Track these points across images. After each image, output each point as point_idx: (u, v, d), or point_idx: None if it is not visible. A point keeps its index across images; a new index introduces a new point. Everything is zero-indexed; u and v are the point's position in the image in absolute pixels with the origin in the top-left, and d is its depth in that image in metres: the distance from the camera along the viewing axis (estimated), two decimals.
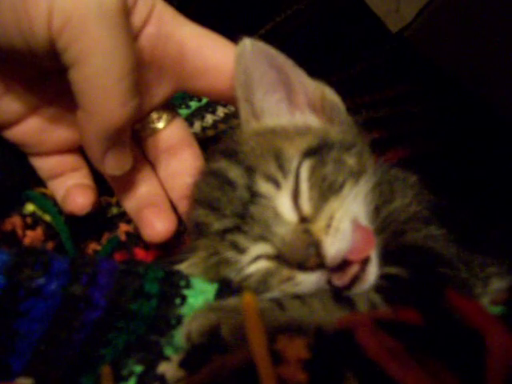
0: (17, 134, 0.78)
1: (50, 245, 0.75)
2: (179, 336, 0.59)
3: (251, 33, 0.98)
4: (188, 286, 0.69)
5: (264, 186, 0.68)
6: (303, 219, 0.66)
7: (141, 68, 0.71)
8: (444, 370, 0.41)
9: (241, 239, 0.68)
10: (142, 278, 0.67)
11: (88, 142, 0.72)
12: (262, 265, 0.67)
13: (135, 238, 0.86)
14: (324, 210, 0.65)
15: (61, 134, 0.80)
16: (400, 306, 0.50)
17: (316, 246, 0.62)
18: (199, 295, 0.68)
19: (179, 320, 0.64)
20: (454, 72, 1.10)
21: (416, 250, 0.66)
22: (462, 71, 1.08)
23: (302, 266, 0.63)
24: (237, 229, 0.68)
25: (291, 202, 0.67)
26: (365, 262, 0.63)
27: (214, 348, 0.53)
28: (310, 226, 0.64)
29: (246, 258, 0.68)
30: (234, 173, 0.70)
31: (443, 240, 0.68)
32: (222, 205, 0.70)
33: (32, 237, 0.73)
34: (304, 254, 0.62)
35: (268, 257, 0.67)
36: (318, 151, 0.70)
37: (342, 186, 0.67)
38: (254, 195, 0.67)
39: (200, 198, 0.75)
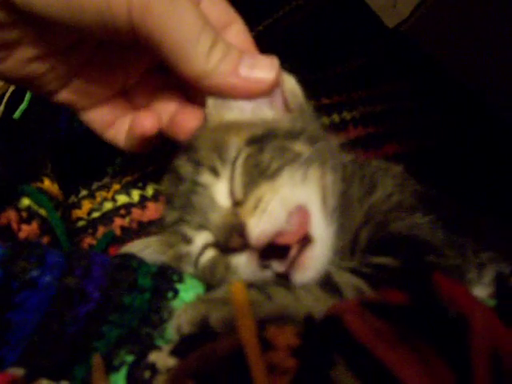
0: (66, 95, 0.83)
1: (45, 239, 0.75)
2: (170, 329, 0.60)
3: (250, 28, 0.98)
4: (180, 280, 0.70)
5: (205, 177, 0.70)
6: (236, 204, 0.68)
7: None
8: (429, 350, 0.41)
9: (186, 229, 0.71)
10: (135, 272, 0.68)
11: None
12: (209, 255, 0.70)
13: (130, 232, 0.87)
14: (253, 194, 0.66)
15: (105, 84, 0.86)
16: (385, 288, 0.50)
17: (241, 226, 0.63)
18: (191, 290, 0.69)
19: (171, 313, 0.64)
20: (450, 67, 1.09)
21: (401, 239, 0.66)
22: (459, 66, 1.08)
23: (227, 248, 0.65)
24: (182, 219, 0.71)
25: (227, 189, 0.69)
26: (303, 245, 0.64)
27: (204, 337, 0.53)
28: (240, 209, 0.66)
29: (194, 249, 0.71)
30: (185, 168, 0.74)
31: (429, 227, 0.68)
32: (174, 198, 0.74)
33: (27, 231, 0.74)
34: (227, 234, 0.64)
35: (212, 245, 0.69)
36: (260, 140, 0.71)
37: (277, 172, 0.68)
38: (196, 185, 0.70)
39: (164, 194, 0.79)
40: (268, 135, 0.72)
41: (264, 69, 0.75)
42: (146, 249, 0.77)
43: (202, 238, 0.70)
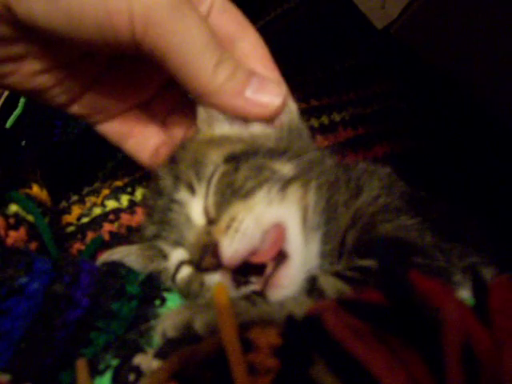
0: (81, 107, 0.84)
1: (33, 245, 0.75)
2: (156, 334, 0.60)
3: None
4: (168, 288, 0.71)
5: (182, 193, 0.70)
6: (211, 222, 0.67)
7: None
8: (403, 346, 0.41)
9: (163, 245, 0.71)
10: (123, 280, 0.68)
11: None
12: (184, 272, 0.70)
13: (119, 237, 0.87)
14: (227, 213, 0.65)
15: (120, 96, 0.86)
16: (363, 287, 0.50)
17: (214, 246, 0.63)
18: (178, 299, 0.69)
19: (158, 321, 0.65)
20: (440, 67, 1.10)
21: (388, 242, 0.66)
22: (449, 66, 1.08)
23: (200, 267, 0.64)
24: (159, 235, 0.71)
25: (203, 207, 0.68)
26: (279, 262, 0.63)
27: (189, 341, 0.53)
28: (213, 228, 0.65)
29: (170, 266, 0.71)
30: (164, 181, 0.74)
31: (416, 229, 0.67)
32: (153, 211, 0.74)
33: (15, 237, 0.74)
34: (200, 254, 0.64)
35: (187, 263, 0.69)
36: (238, 158, 0.70)
37: (251, 191, 0.67)
38: (172, 202, 0.70)
39: (144, 202, 0.80)
40: (248, 153, 0.71)
41: (270, 94, 0.73)
42: (129, 256, 0.76)
43: (177, 255, 0.70)
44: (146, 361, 0.56)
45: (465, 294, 0.66)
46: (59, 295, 0.64)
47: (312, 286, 0.61)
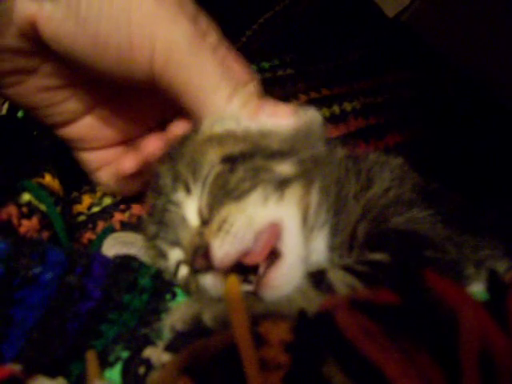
0: (73, 131, 0.86)
1: (45, 234, 0.76)
2: (165, 327, 0.60)
3: (251, 21, 0.98)
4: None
5: (179, 193, 0.70)
6: (204, 223, 0.67)
7: None
8: (417, 349, 0.41)
9: (162, 245, 0.72)
10: (135, 273, 0.68)
11: None
12: (183, 272, 0.70)
13: (130, 227, 0.87)
14: (218, 214, 0.65)
15: (112, 129, 0.88)
16: (377, 286, 0.50)
17: (205, 248, 0.62)
18: None
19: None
20: (451, 55, 1.09)
21: (399, 235, 0.65)
22: (459, 54, 1.07)
23: (193, 268, 0.65)
24: (158, 235, 0.72)
25: (197, 208, 0.68)
26: (271, 262, 0.63)
27: (199, 334, 0.53)
28: (205, 229, 0.65)
29: (170, 265, 0.71)
30: (164, 180, 0.74)
31: (428, 222, 0.66)
32: (153, 210, 0.74)
33: (27, 226, 0.74)
34: (192, 255, 0.64)
35: (184, 262, 0.69)
36: (235, 159, 0.70)
37: (245, 192, 0.66)
38: (169, 202, 0.70)
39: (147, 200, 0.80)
40: (247, 154, 0.70)
41: (283, 117, 0.75)
42: (136, 241, 0.78)
43: (175, 255, 0.70)
44: (156, 354, 0.56)
45: (477, 287, 0.66)
46: (72, 286, 0.64)
47: (320, 280, 0.60)
